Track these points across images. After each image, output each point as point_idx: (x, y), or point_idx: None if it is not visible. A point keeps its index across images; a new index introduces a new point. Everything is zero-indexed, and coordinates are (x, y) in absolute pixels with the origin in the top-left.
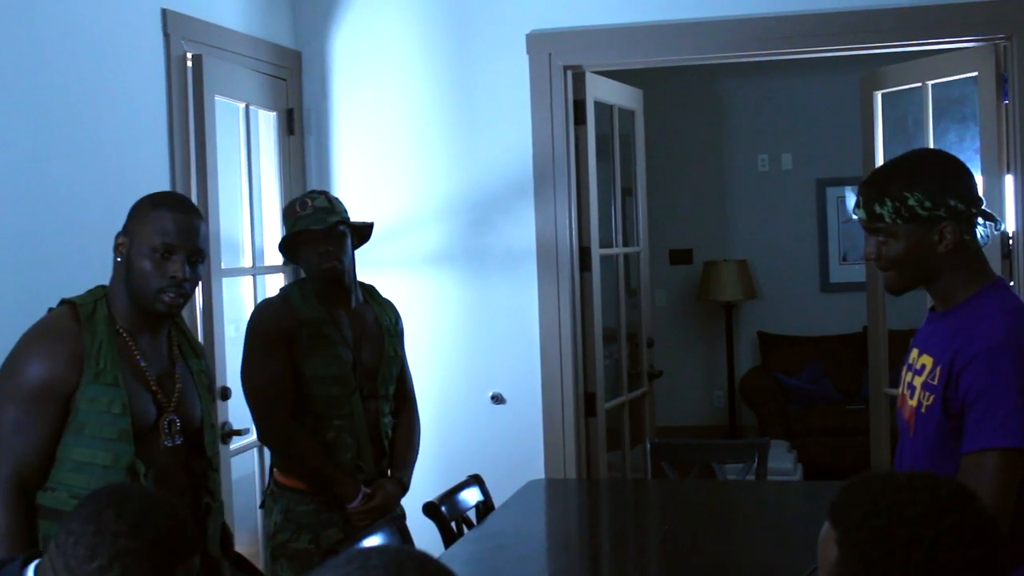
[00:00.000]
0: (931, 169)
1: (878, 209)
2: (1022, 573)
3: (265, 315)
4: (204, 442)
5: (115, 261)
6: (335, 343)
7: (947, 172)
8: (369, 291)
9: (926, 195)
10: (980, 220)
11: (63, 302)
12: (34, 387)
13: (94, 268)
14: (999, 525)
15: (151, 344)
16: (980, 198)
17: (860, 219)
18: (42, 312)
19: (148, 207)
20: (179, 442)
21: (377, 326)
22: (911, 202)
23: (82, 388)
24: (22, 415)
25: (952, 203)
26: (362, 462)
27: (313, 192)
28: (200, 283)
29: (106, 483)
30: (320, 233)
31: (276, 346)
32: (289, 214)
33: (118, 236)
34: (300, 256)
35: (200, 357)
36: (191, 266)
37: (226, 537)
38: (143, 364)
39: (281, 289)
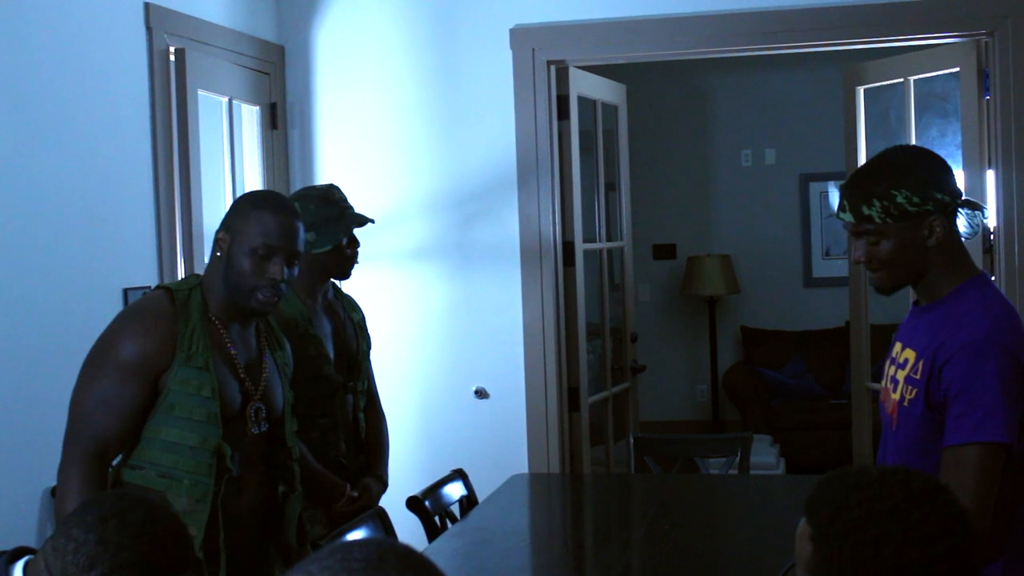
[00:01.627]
0: (912, 164)
1: (866, 211)
2: (1003, 566)
3: None
4: (285, 432)
5: (213, 255)
6: (320, 341)
7: (928, 166)
8: (333, 285)
9: (912, 191)
10: (962, 211)
11: (158, 287)
12: (125, 363)
13: (77, 260)
14: (971, 519)
15: (241, 334)
16: (960, 190)
17: (847, 223)
18: (28, 307)
19: (250, 207)
20: (265, 428)
21: (349, 321)
22: (899, 199)
23: (173, 370)
24: (110, 389)
25: (938, 196)
26: (345, 459)
27: (331, 184)
28: None
29: (194, 463)
30: None
31: None
32: (331, 201)
33: (219, 232)
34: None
35: (283, 349)
36: (288, 267)
37: (302, 527)
38: (233, 352)
39: None
